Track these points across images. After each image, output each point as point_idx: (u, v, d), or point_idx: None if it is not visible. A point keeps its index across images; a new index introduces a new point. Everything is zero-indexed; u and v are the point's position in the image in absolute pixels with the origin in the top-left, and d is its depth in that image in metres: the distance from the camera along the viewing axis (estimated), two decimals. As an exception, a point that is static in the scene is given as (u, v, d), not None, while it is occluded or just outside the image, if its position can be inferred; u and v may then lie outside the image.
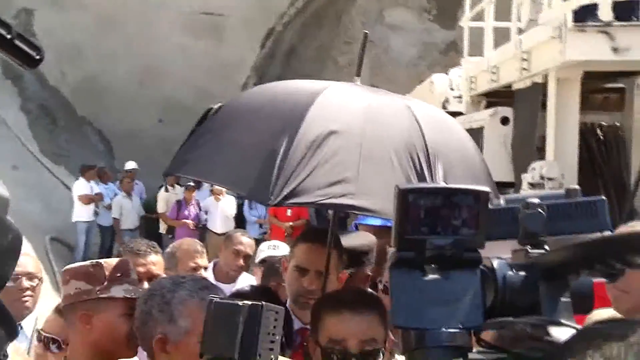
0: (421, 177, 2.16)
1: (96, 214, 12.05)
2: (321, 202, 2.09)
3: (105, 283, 2.09)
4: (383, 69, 14.31)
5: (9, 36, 0.72)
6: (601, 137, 6.05)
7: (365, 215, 2.81)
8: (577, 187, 0.91)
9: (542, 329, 0.79)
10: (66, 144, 14.16)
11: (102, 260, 2.18)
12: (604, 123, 6.13)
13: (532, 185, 5.03)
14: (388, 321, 2.00)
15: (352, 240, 3.02)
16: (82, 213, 11.83)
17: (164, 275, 2.77)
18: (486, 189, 0.82)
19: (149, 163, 12.12)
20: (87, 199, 11.79)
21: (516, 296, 0.81)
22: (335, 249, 2.56)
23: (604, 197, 0.91)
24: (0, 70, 13.32)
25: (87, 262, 2.21)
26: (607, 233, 0.87)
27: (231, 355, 1.02)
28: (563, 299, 0.82)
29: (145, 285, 2.51)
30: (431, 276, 0.79)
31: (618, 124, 6.10)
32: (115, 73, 13.75)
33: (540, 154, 5.65)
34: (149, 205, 12.26)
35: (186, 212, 11.26)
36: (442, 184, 0.84)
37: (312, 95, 2.27)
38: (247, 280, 4.18)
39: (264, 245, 4.50)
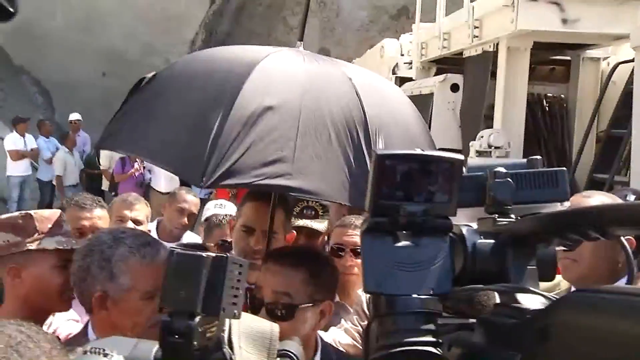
0: (359, 154, 2.10)
1: (34, 168, 11.63)
2: (256, 183, 1.99)
3: (36, 235, 2.00)
4: (334, 32, 14.18)
5: None
6: (546, 108, 6.15)
7: (301, 197, 2.68)
8: (538, 157, 0.92)
9: (510, 296, 0.79)
10: (2, 95, 13.59)
11: (32, 211, 2.08)
12: (549, 94, 6.23)
13: (479, 153, 5.07)
14: (325, 280, 2.02)
15: None
16: (15, 167, 11.35)
17: None
18: (461, 157, 0.82)
19: (90, 116, 11.76)
20: (17, 155, 11.30)
21: (485, 263, 0.82)
22: (281, 208, 2.53)
23: (564, 168, 0.92)
24: None
25: (17, 213, 2.10)
26: (567, 203, 0.88)
27: (193, 309, 0.95)
28: (530, 267, 0.83)
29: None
30: (403, 242, 0.79)
31: (563, 96, 6.21)
32: (55, 21, 13.20)
33: (488, 122, 5.71)
34: (91, 161, 11.91)
35: (130, 170, 11.00)
36: (418, 151, 0.82)
37: (249, 66, 2.15)
38: (191, 239, 4.13)
39: (210, 204, 4.45)
